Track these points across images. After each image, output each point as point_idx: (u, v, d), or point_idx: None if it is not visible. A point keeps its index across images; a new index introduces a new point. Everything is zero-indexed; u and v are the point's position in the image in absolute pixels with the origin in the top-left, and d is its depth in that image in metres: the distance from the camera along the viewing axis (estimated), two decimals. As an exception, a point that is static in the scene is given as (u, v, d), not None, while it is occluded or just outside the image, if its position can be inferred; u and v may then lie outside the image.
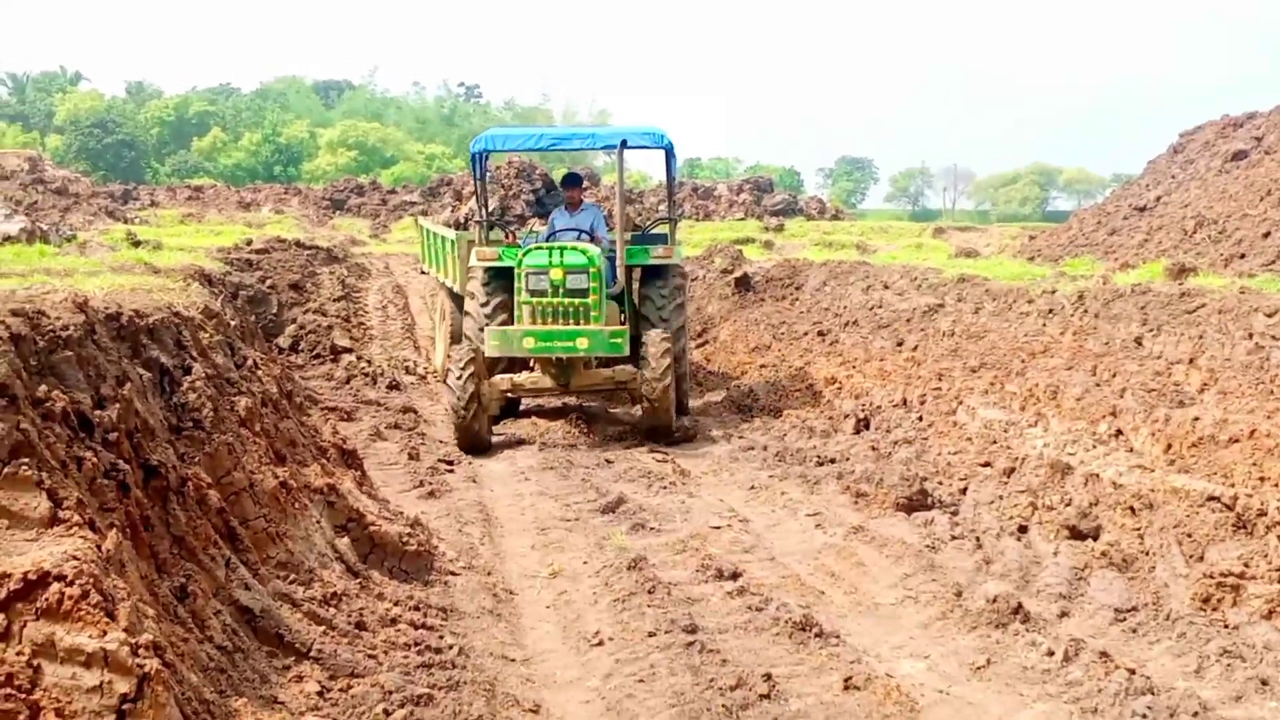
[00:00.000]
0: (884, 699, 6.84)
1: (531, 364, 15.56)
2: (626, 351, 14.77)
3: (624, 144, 15.19)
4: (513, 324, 15.27)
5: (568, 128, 16.48)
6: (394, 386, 17.95)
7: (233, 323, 9.40)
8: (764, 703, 6.65)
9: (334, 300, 22.78)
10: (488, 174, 17.76)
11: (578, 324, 14.65)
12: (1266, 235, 19.41)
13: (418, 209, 52.02)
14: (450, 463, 13.14)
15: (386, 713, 5.98)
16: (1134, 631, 8.22)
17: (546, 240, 16.07)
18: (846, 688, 7.00)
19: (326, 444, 9.31)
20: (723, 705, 6.53)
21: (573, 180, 17.81)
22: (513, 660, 7.48)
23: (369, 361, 19.48)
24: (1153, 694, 6.82)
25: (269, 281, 22.21)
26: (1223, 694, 7.06)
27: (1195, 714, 6.52)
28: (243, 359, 8.45)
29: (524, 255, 14.88)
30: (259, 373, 8.62)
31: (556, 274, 14.68)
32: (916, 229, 52.48)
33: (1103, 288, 16.53)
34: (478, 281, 16.02)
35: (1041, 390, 13.69)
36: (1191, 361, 12.97)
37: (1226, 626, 8.11)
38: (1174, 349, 13.53)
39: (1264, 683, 7.13)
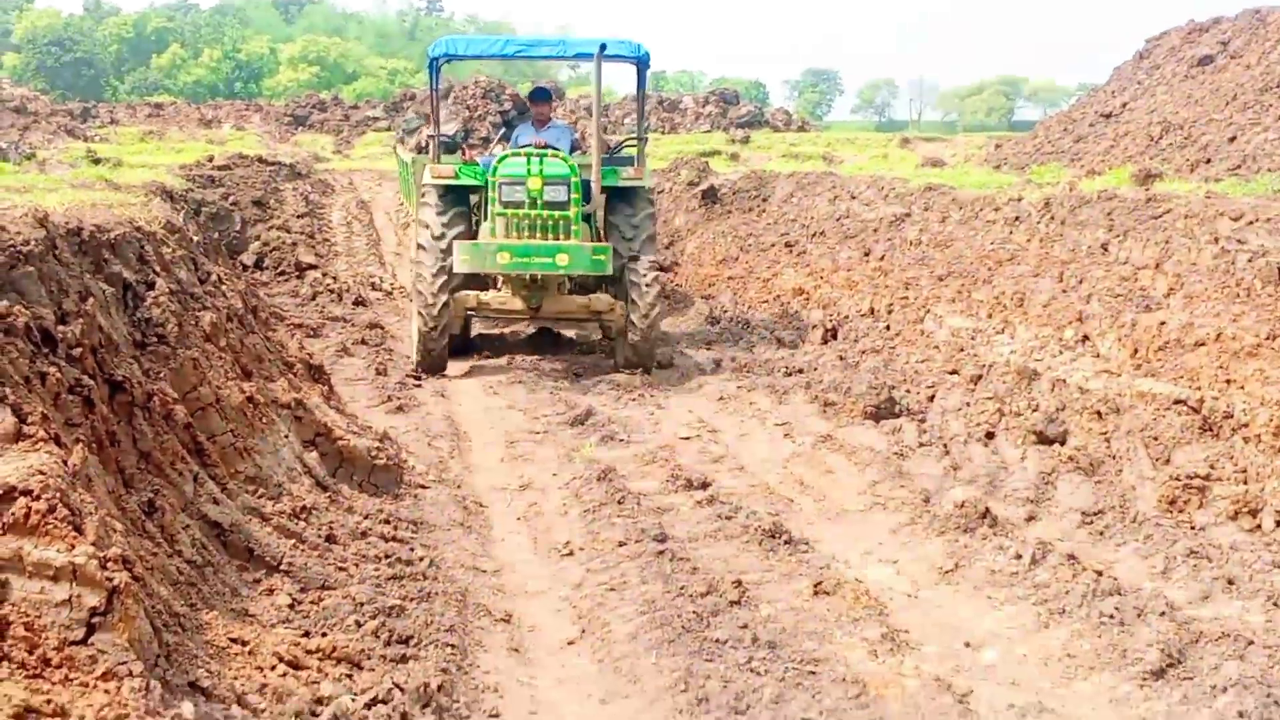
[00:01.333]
0: (853, 603, 6.89)
1: (498, 283, 14.29)
2: (610, 270, 13.37)
3: (602, 50, 13.48)
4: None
5: (536, 36, 15.14)
6: (360, 303, 17.85)
7: (196, 238, 9.32)
8: (734, 609, 6.69)
9: (298, 217, 22.58)
10: (450, 93, 16.61)
11: (557, 239, 13.20)
12: (1232, 140, 19.42)
13: (381, 124, 51.53)
14: (418, 378, 13.11)
15: (358, 624, 5.99)
16: (1101, 534, 8.29)
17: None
18: (816, 593, 7.04)
19: (293, 359, 9.26)
20: (693, 612, 6.56)
21: (541, 95, 16.25)
22: (483, 571, 7.50)
23: (334, 278, 19.35)
24: (1120, 595, 6.89)
25: (232, 198, 21.99)
26: (1189, 594, 7.13)
27: (1162, 613, 6.58)
28: (206, 274, 8.37)
29: (499, 163, 13.34)
30: (223, 288, 8.55)
31: (534, 184, 13.18)
32: (883, 140, 52.24)
33: (1069, 195, 16.49)
34: (431, 208, 14.27)
35: (1008, 298, 13.70)
36: (1158, 266, 12.97)
37: (1193, 528, 8.19)
38: (1140, 254, 13.53)
39: (1230, 582, 7.20)
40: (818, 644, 6.34)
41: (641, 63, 14.52)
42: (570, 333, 16.47)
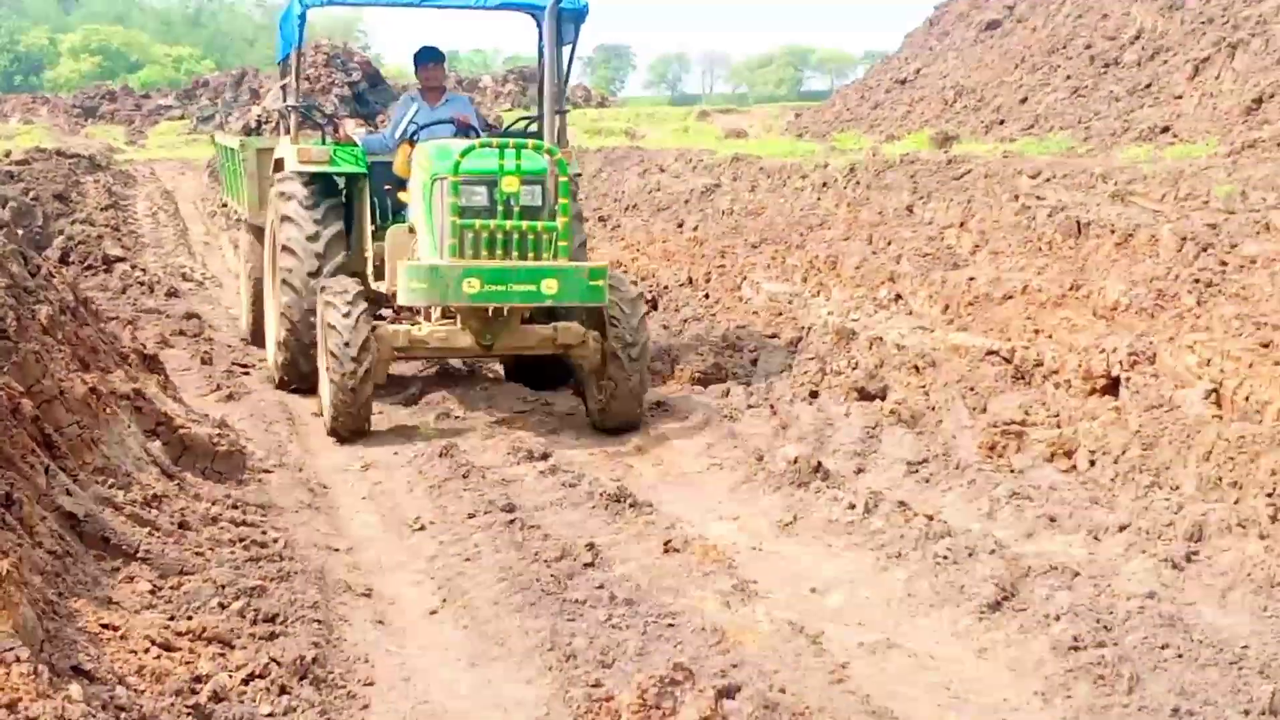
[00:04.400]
0: (703, 558, 7.14)
1: (429, 312, 10.86)
2: (607, 300, 10.25)
3: (557, 2, 10.61)
4: (346, 259, 11.37)
5: None
6: (172, 294, 17.58)
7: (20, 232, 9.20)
8: (589, 570, 6.87)
9: (102, 209, 22.19)
10: (284, 64, 12.75)
11: (537, 258, 10.04)
12: (1023, 101, 20.19)
13: (174, 113, 50.64)
14: (245, 366, 13.02)
15: (222, 605, 6.04)
16: (927, 481, 8.68)
17: (405, 138, 11.46)
18: (666, 550, 7.28)
19: (126, 350, 9.20)
20: (551, 575, 6.74)
21: (432, 56, 12.26)
22: (337, 550, 7.57)
23: (144, 270, 19.02)
24: (950, 536, 7.25)
25: (32, 193, 21.50)
26: (1015, 533, 7.54)
27: (992, 552, 6.96)
28: (36, 267, 8.29)
29: (461, 156, 9.81)
30: (54, 281, 8.47)
31: (510, 184, 9.86)
32: (681, 114, 52.93)
33: (872, 160, 17.04)
34: (295, 200, 11.41)
35: (821, 261, 14.14)
36: (962, 225, 13.52)
37: (1012, 471, 8.63)
38: (944, 214, 14.08)
39: (1052, 520, 7.64)
40: (673, 598, 6.57)
41: (580, 14, 11.57)
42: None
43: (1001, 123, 19.76)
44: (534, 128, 12.20)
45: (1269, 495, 7.28)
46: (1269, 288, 9.05)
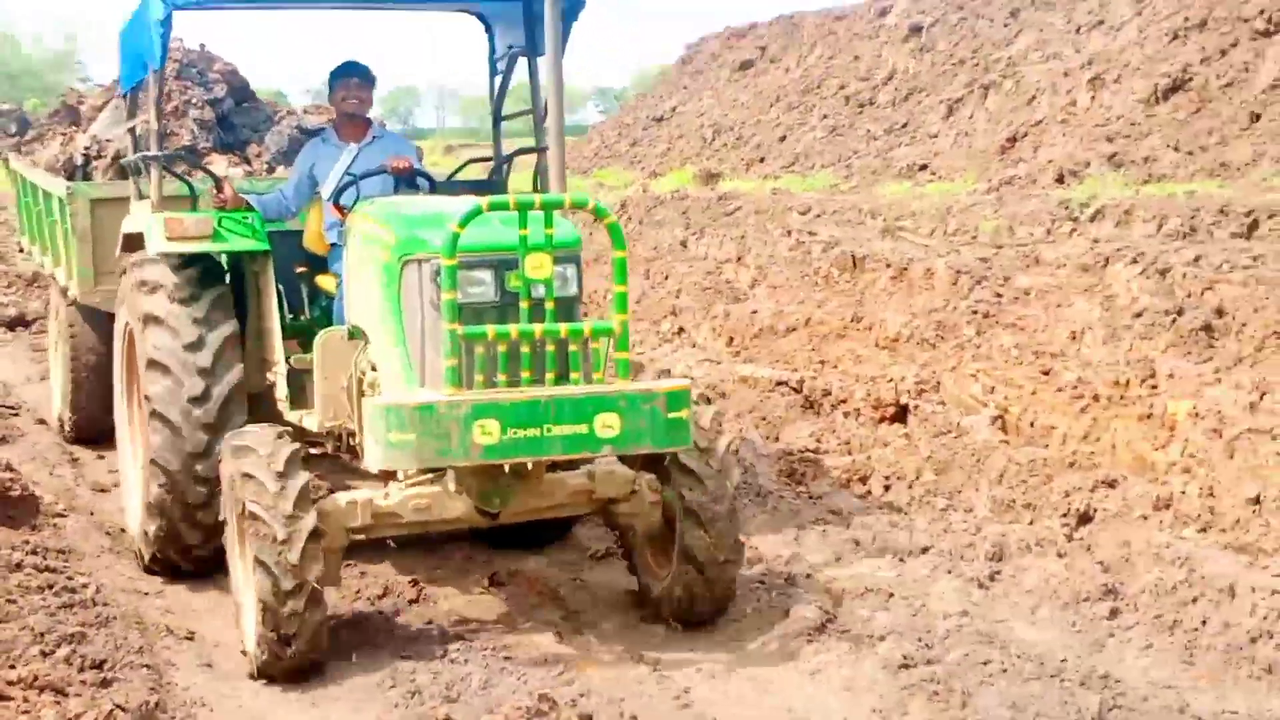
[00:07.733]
0: (527, 590, 7.21)
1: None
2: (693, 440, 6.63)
3: None
4: (238, 373, 7.33)
5: None
6: (-81, 336, 16.83)
7: None
8: (415, 606, 6.91)
9: None
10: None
11: (579, 377, 6.29)
12: (783, 139, 20.75)
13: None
14: (13, 408, 12.50)
15: (45, 653, 5.86)
16: (731, 510, 8.86)
17: (336, 196, 7.60)
18: (493, 584, 7.33)
19: (-95, 393, 8.84)
20: (378, 612, 6.74)
21: (357, 71, 8.22)
22: (147, 594, 7.40)
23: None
24: (764, 562, 7.46)
25: None
26: (824, 557, 7.78)
27: (808, 576, 7.19)
28: None
29: (461, 226, 5.77)
30: None
31: (539, 266, 5.97)
32: (426, 147, 52.74)
33: (643, 195, 17.32)
34: (166, 325, 7.27)
35: (600, 295, 14.28)
36: (739, 260, 13.84)
37: (812, 497, 8.89)
38: (720, 249, 14.38)
39: (857, 543, 7.90)
40: (507, 630, 6.62)
41: (574, 7, 7.99)
42: None
43: (762, 160, 20.26)
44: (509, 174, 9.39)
45: (1063, 516, 7.68)
46: (1044, 318, 9.50)
